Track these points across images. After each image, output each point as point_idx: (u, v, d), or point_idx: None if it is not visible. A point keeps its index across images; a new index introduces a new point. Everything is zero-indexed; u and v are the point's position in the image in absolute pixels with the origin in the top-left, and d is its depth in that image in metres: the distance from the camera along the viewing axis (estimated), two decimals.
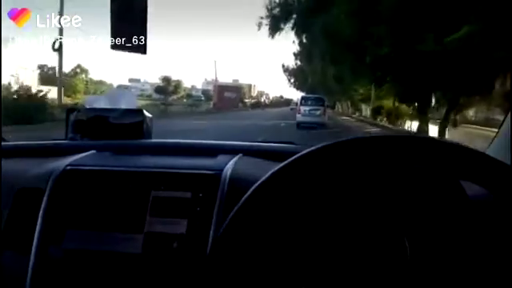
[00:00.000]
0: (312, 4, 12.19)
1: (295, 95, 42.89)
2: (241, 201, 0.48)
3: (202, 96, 44.15)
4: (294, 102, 27.49)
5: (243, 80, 62.47)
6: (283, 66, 40.53)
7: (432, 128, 11.41)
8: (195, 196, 0.69)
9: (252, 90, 59.70)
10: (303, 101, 15.74)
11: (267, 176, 0.48)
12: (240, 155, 0.84)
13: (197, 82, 57.88)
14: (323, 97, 16.97)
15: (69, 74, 36.71)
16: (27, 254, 0.66)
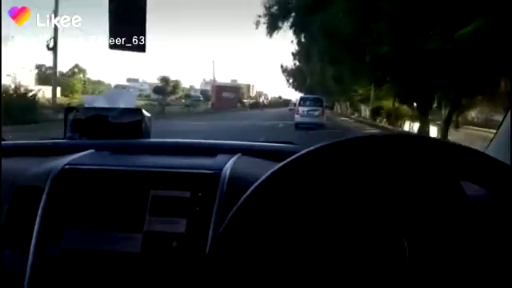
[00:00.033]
0: (310, 2, 11.97)
1: (294, 96, 42.98)
2: (240, 200, 0.48)
3: (201, 96, 44.32)
4: (293, 103, 27.55)
5: (242, 80, 62.67)
6: (282, 67, 40.53)
7: (432, 129, 11.18)
8: (194, 195, 0.69)
9: (250, 91, 59.76)
10: (302, 101, 15.74)
11: (266, 176, 0.48)
12: (239, 155, 0.84)
13: (195, 83, 57.95)
14: (322, 97, 16.99)
15: (66, 74, 36.66)
16: (26, 253, 0.66)
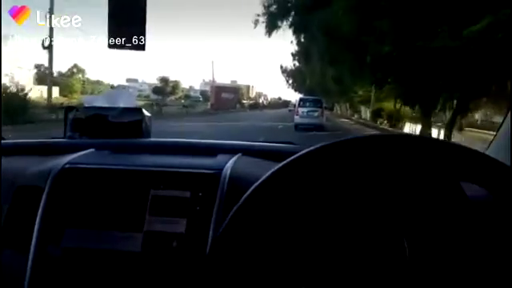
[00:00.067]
0: (310, 1, 11.75)
1: (293, 97, 42.82)
2: (240, 200, 0.48)
3: (200, 97, 44.34)
4: (292, 104, 27.41)
5: (241, 81, 62.60)
6: (281, 67, 40.32)
7: (434, 132, 10.94)
8: (195, 195, 0.69)
9: (250, 91, 59.64)
10: (301, 102, 15.76)
11: (267, 175, 0.49)
12: (239, 155, 0.84)
13: (195, 83, 57.81)
14: (321, 98, 16.99)
15: (65, 74, 36.48)
16: (26, 253, 0.66)
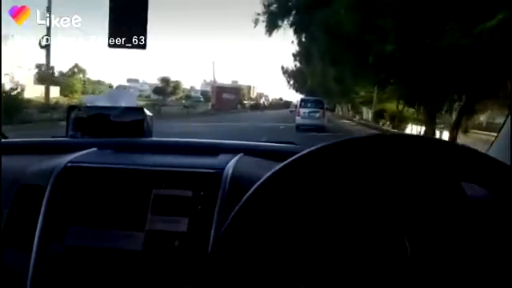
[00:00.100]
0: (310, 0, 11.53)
1: (294, 97, 42.66)
2: (242, 200, 0.48)
3: (201, 97, 44.18)
4: (294, 104, 27.28)
5: (242, 81, 62.50)
6: (282, 68, 40.15)
7: (438, 134, 10.72)
8: (196, 194, 0.69)
9: (251, 92, 59.49)
10: (302, 103, 15.71)
11: (268, 175, 0.49)
12: (241, 154, 0.84)
13: (196, 83, 57.63)
14: (322, 99, 16.95)
15: (67, 74, 36.34)
16: (29, 251, 0.67)
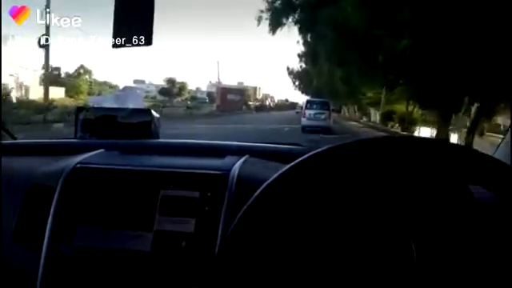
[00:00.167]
0: None
1: (300, 98, 42.22)
2: (249, 201, 0.48)
3: (207, 98, 44.04)
4: (299, 106, 26.94)
5: (248, 83, 62.26)
6: (288, 69, 39.88)
7: (451, 136, 10.21)
8: (203, 195, 0.70)
9: (257, 93, 59.19)
10: (308, 104, 15.70)
11: (275, 177, 0.49)
12: (247, 156, 0.84)
13: (202, 84, 57.44)
14: (328, 101, 16.90)
15: (72, 75, 36.26)
16: (38, 251, 0.67)
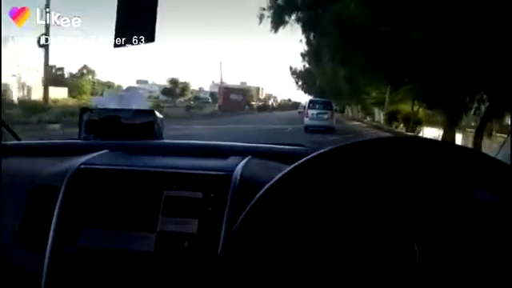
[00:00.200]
0: None
1: (303, 98, 41.90)
2: (252, 202, 0.48)
3: (209, 98, 44.02)
4: (302, 106, 26.72)
5: (251, 83, 62.18)
6: (291, 69, 39.54)
7: (458, 137, 9.86)
8: (206, 196, 0.70)
9: (260, 93, 58.99)
10: (311, 104, 15.69)
11: (278, 177, 0.49)
12: (250, 157, 0.85)
13: (205, 85, 57.37)
14: (331, 101, 16.90)
15: (76, 75, 36.17)
16: (43, 252, 0.67)
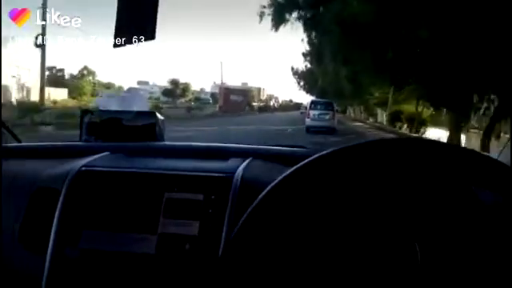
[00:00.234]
0: None
1: (305, 99, 41.65)
2: (253, 204, 0.48)
3: (210, 99, 43.93)
4: (304, 106, 26.43)
5: (253, 83, 62.04)
6: (292, 69, 39.44)
7: (463, 138, 9.58)
8: (207, 198, 0.70)
9: (261, 94, 58.81)
10: (313, 105, 15.70)
11: (279, 179, 0.48)
12: (251, 158, 0.84)
13: (206, 85, 57.23)
14: (332, 101, 16.89)
15: (76, 76, 36.05)
16: (44, 254, 0.67)
